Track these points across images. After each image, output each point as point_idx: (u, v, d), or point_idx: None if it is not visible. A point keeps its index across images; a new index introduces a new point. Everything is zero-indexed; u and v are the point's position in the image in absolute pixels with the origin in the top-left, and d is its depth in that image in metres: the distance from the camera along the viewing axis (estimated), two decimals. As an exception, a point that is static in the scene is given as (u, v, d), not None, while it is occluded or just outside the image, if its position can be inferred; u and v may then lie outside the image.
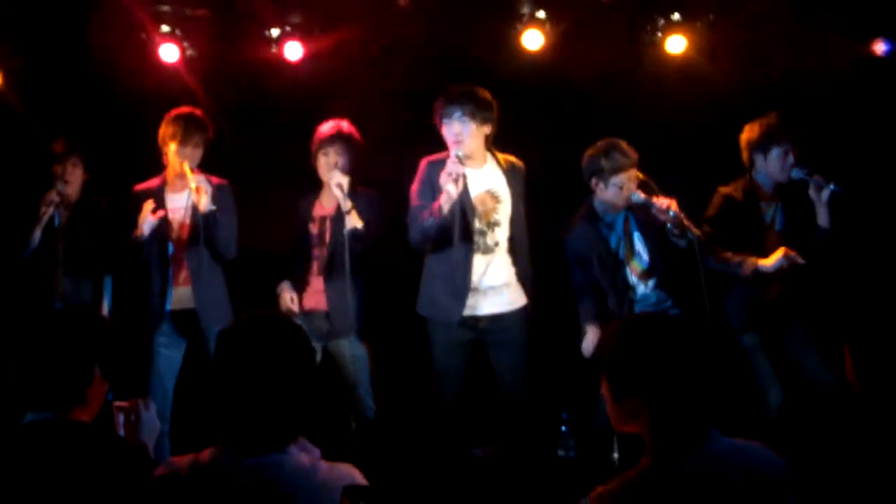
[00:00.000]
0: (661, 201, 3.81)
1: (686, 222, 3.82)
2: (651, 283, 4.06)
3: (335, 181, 4.03)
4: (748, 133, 4.17)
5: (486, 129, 3.93)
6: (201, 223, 4.02)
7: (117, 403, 2.39)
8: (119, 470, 2.05)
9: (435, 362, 4.01)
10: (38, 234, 4.19)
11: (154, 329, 4.15)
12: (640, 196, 3.87)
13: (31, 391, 2.17)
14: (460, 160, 3.76)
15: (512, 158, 4.06)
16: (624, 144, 3.94)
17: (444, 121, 3.88)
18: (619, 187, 3.91)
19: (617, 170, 3.90)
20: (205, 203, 4.00)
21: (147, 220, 4.04)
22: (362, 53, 4.86)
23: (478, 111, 3.85)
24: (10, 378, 2.19)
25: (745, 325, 4.14)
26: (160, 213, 4.08)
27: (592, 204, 4.06)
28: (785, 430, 3.98)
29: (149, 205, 4.06)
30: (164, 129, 4.17)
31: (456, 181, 3.70)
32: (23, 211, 4.22)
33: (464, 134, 3.84)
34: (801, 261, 3.93)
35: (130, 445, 2.19)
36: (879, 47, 4.65)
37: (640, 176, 3.99)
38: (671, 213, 3.79)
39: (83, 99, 4.81)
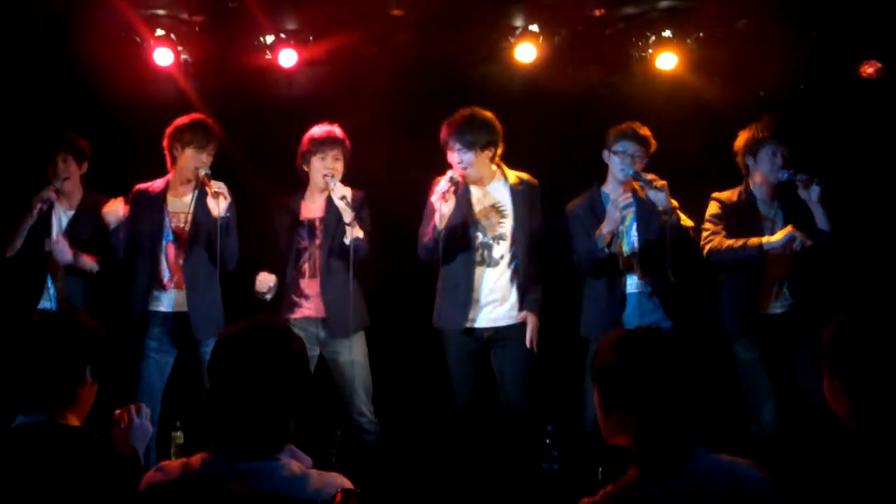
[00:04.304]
0: (652, 175, 3.93)
1: (675, 204, 3.91)
2: (635, 274, 4.08)
3: (339, 193, 4.05)
4: (739, 138, 4.21)
5: (489, 153, 4.07)
6: (220, 228, 3.98)
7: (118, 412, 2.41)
8: (109, 474, 2.06)
9: (449, 370, 4.13)
10: (23, 232, 4.17)
11: (135, 327, 4.13)
12: (633, 169, 4.00)
13: (22, 393, 2.17)
14: (453, 180, 3.91)
15: (524, 175, 4.18)
16: (638, 125, 4.10)
17: (448, 149, 4.04)
18: (618, 153, 4.05)
19: (620, 136, 4.07)
20: (222, 208, 3.98)
21: (113, 211, 4.04)
22: (355, 61, 4.90)
23: (479, 140, 4.01)
24: (1, 379, 2.20)
25: (740, 332, 4.10)
26: (125, 209, 4.08)
27: (600, 186, 4.20)
28: (775, 450, 3.95)
29: (119, 200, 4.07)
30: (178, 134, 4.16)
31: (445, 199, 3.85)
32: (17, 211, 4.23)
33: (466, 162, 4.00)
34: (808, 242, 3.91)
35: (121, 450, 2.19)
36: (868, 69, 4.69)
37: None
38: (660, 191, 3.88)
39: (76, 101, 4.81)
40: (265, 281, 4.11)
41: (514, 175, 4.15)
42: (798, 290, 4.07)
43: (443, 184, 3.89)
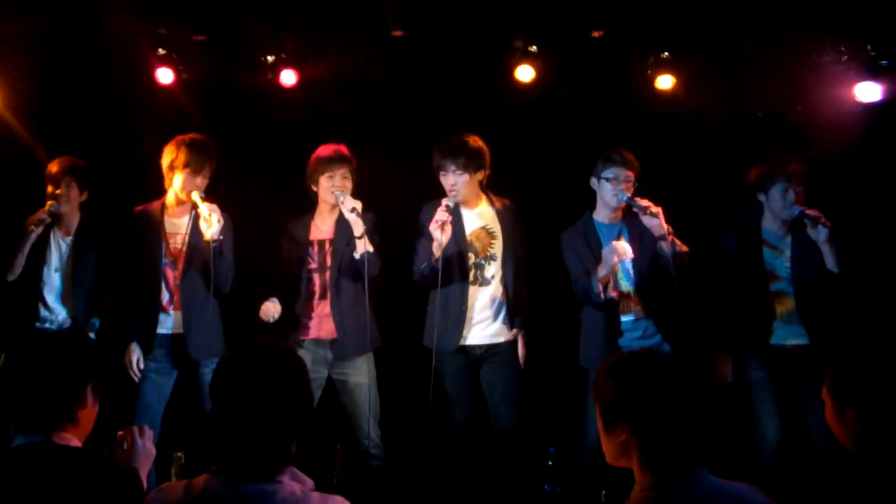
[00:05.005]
0: (646, 201, 3.89)
1: (669, 229, 3.86)
2: (636, 308, 4.05)
3: (349, 205, 4.01)
4: (752, 174, 4.16)
5: (480, 176, 4.15)
6: (213, 251, 3.95)
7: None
8: (111, 496, 2.05)
9: (444, 390, 4.15)
10: (23, 255, 4.16)
11: (144, 353, 4.11)
12: (627, 195, 3.98)
13: (22, 413, 2.16)
14: (449, 209, 3.96)
15: (505, 200, 4.25)
16: (624, 150, 4.07)
17: (441, 172, 4.10)
18: (609, 179, 4.02)
19: (608, 162, 4.04)
20: (214, 231, 3.94)
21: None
22: (356, 81, 4.92)
23: (471, 163, 4.07)
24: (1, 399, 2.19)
25: (745, 360, 4.08)
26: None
27: (591, 213, 4.18)
28: (779, 474, 3.94)
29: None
30: (175, 155, 4.11)
31: (442, 228, 3.91)
32: (15, 232, 4.22)
33: (458, 184, 4.07)
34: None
35: (122, 470, 2.18)
36: (867, 91, 4.71)
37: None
38: (655, 218, 3.85)
39: (78, 119, 4.82)
40: (269, 311, 4.09)
41: (497, 199, 4.23)
42: (811, 326, 4.02)
43: (441, 213, 3.93)
